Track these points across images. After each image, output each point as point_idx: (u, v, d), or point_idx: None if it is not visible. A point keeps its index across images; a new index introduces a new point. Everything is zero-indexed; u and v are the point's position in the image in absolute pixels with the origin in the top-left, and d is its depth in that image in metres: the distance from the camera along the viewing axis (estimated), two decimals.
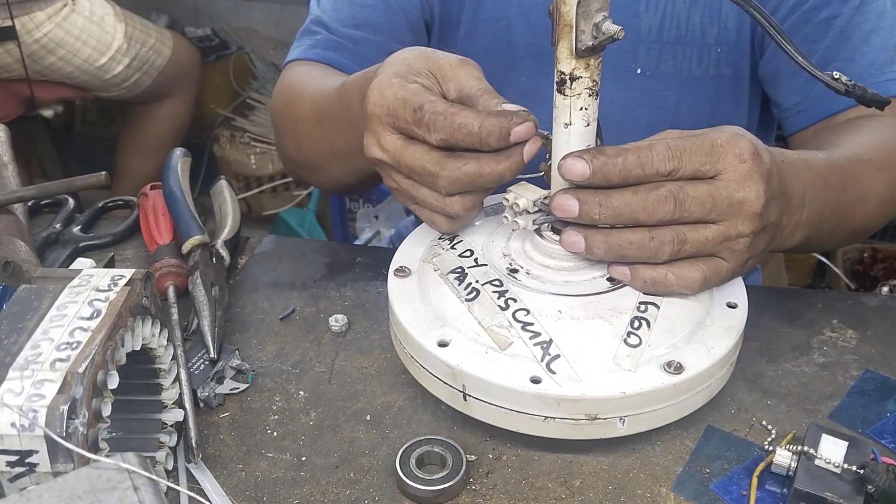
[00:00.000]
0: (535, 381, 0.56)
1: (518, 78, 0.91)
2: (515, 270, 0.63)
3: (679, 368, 0.57)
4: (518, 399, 0.56)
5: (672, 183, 0.57)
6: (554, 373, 0.56)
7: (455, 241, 0.68)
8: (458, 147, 0.60)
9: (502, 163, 0.60)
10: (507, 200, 0.64)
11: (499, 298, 0.61)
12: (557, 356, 0.57)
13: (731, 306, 0.62)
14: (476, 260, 0.65)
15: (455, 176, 0.60)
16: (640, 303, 0.60)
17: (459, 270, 0.64)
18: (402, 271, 0.66)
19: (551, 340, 0.58)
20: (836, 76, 0.61)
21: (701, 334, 0.60)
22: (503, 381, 0.56)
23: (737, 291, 0.64)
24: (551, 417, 0.57)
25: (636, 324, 0.59)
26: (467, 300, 0.61)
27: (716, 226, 0.58)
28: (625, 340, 0.58)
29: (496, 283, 0.62)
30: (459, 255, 0.65)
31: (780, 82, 0.86)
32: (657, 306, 0.60)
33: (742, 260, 0.60)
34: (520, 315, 0.59)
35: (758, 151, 0.58)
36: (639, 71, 0.87)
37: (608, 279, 0.62)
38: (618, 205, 0.57)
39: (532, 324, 0.59)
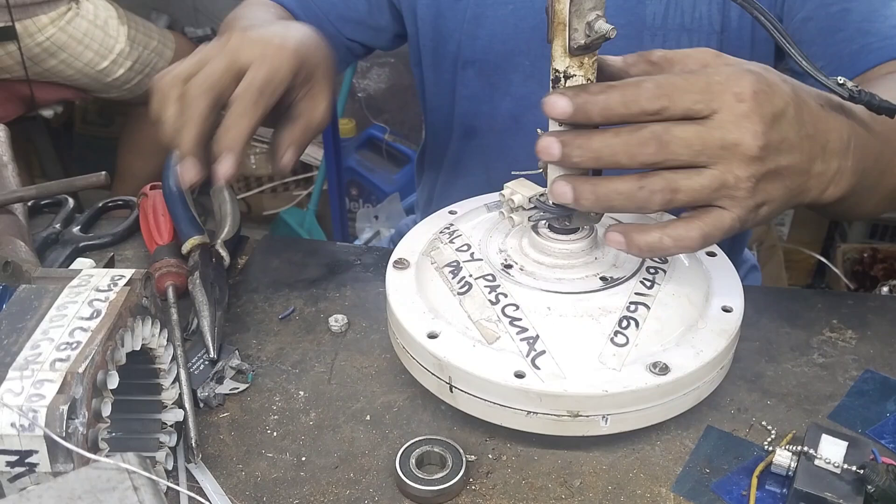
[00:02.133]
0: (520, 375, 0.56)
1: (523, 61, 0.92)
2: (510, 266, 0.64)
3: (664, 370, 0.57)
4: (502, 393, 0.57)
5: (657, 123, 0.54)
6: (538, 368, 0.57)
7: (455, 234, 0.68)
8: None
9: (228, 132, 0.66)
10: (504, 196, 0.64)
11: (490, 293, 0.61)
12: (543, 352, 0.57)
13: (727, 310, 0.62)
14: (472, 254, 0.65)
15: (170, 77, 0.69)
16: (630, 303, 0.60)
17: (455, 264, 0.64)
18: (401, 263, 0.67)
19: (538, 336, 0.58)
20: (841, 81, 0.59)
21: (691, 337, 0.60)
22: (488, 375, 0.57)
23: (734, 295, 0.64)
24: (534, 412, 0.57)
25: (624, 323, 0.59)
26: (459, 293, 0.62)
27: (710, 170, 0.55)
28: (611, 339, 0.58)
29: (489, 277, 0.62)
30: (457, 250, 0.66)
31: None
32: (647, 307, 0.60)
33: (748, 206, 0.56)
34: (509, 310, 0.60)
35: (764, 91, 0.54)
36: None
37: (601, 278, 0.62)
38: (598, 147, 0.55)
39: (520, 319, 0.59)
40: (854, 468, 0.54)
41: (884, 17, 0.79)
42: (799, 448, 0.56)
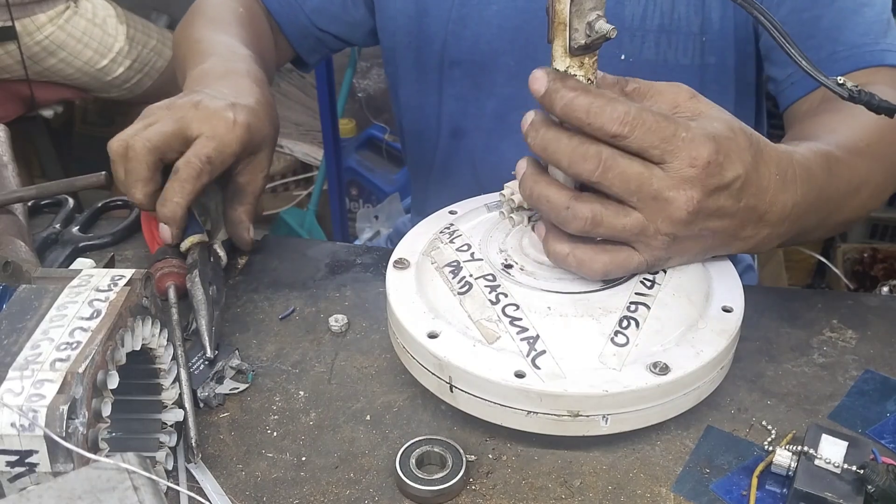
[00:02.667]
0: (520, 375, 0.56)
1: (507, 61, 0.93)
2: (510, 266, 0.64)
3: (665, 370, 0.57)
4: (502, 392, 0.57)
5: (608, 147, 0.55)
6: (538, 368, 0.57)
7: (455, 234, 0.68)
8: None
9: (164, 206, 0.72)
10: (504, 196, 0.64)
11: (490, 293, 0.61)
12: (543, 352, 0.57)
13: (727, 310, 0.62)
14: (472, 254, 0.65)
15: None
16: (631, 303, 0.60)
17: (455, 264, 0.64)
18: (402, 263, 0.67)
19: (538, 336, 0.58)
20: (841, 81, 0.59)
21: (691, 337, 0.60)
22: (488, 375, 0.57)
23: (734, 296, 0.64)
24: (534, 412, 0.57)
25: (625, 323, 0.59)
26: (459, 293, 0.62)
27: (636, 214, 0.56)
28: (612, 339, 0.58)
29: (489, 277, 0.62)
30: (457, 249, 0.66)
31: (774, 57, 0.85)
32: (647, 307, 0.60)
33: (659, 255, 0.59)
34: (509, 310, 0.60)
35: (719, 162, 0.56)
36: (623, 57, 0.88)
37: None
38: (548, 138, 0.56)
39: (521, 319, 0.59)
40: (854, 468, 0.54)
41: (854, 25, 0.79)
42: (799, 448, 0.56)
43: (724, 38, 0.87)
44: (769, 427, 0.62)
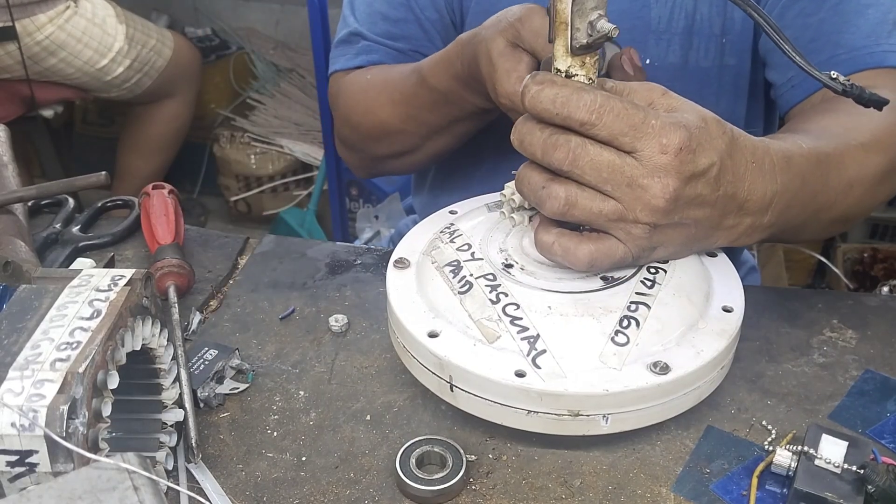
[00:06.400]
0: (520, 374, 0.56)
1: None
2: (510, 266, 0.64)
3: (665, 369, 0.57)
4: (502, 392, 0.57)
5: (577, 136, 0.56)
6: (539, 367, 0.57)
7: (455, 234, 0.68)
8: None
9: None
10: (505, 196, 0.64)
11: (491, 292, 0.61)
12: (543, 351, 0.57)
13: (727, 310, 0.62)
14: (473, 254, 0.65)
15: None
16: (631, 302, 0.60)
17: (455, 263, 0.64)
18: (402, 262, 0.67)
19: (538, 335, 0.58)
20: (834, 76, 0.60)
21: (692, 336, 0.60)
22: (488, 374, 0.57)
23: (734, 296, 0.64)
24: (534, 412, 0.57)
25: (625, 323, 0.59)
26: (460, 293, 0.62)
27: (613, 202, 0.56)
28: (612, 339, 0.58)
29: (490, 277, 0.62)
30: (457, 249, 0.66)
31: (773, 61, 0.85)
32: (648, 307, 0.60)
33: (643, 245, 0.59)
34: (510, 309, 0.60)
35: (691, 149, 0.55)
36: (647, 61, 0.88)
37: (601, 278, 0.62)
38: (521, 132, 0.57)
39: (521, 318, 0.59)
40: (854, 468, 0.54)
41: (855, 28, 0.79)
42: (799, 448, 0.56)
43: (743, 40, 0.87)
44: (769, 427, 0.62)
